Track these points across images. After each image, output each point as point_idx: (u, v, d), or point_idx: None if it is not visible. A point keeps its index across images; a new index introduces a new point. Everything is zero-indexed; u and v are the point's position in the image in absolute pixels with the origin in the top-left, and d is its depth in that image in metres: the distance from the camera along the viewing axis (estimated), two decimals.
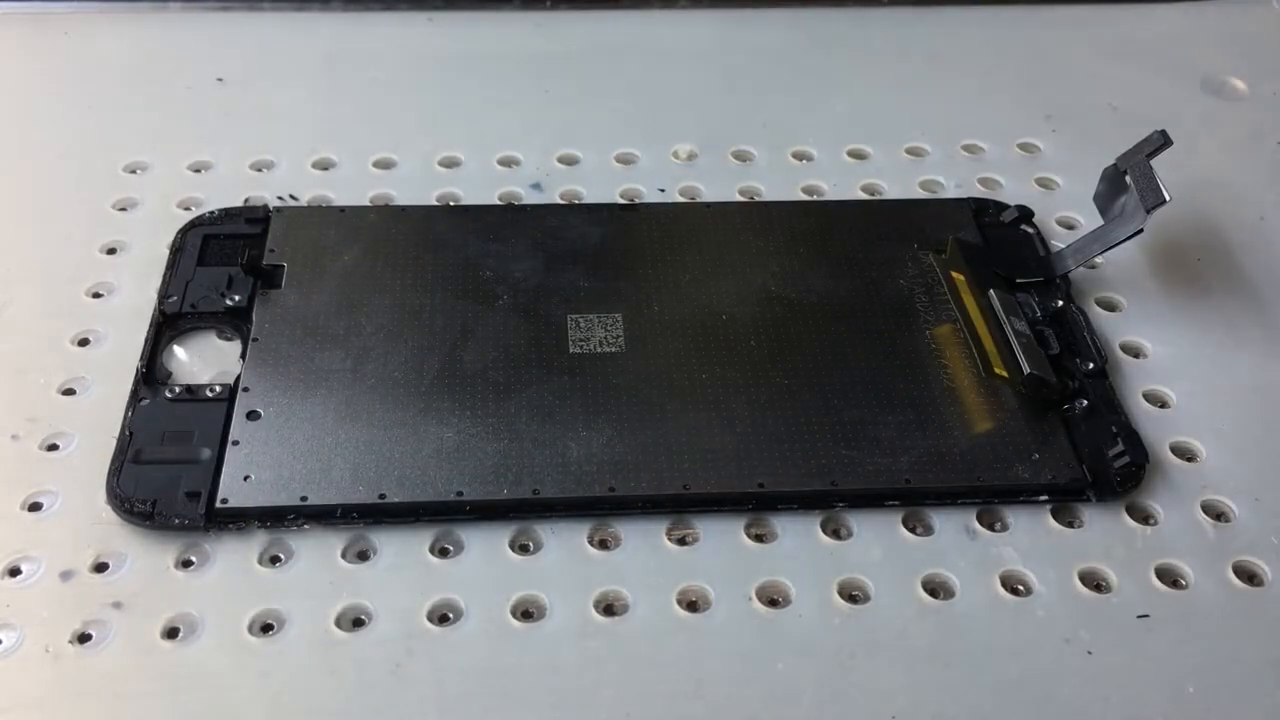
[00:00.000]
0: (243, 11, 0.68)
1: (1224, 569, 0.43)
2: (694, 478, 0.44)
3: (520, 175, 0.58)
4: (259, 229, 0.53)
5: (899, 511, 0.44)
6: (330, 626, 0.40)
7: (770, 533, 0.43)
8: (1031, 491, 0.44)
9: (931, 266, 0.52)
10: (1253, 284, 0.54)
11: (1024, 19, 0.70)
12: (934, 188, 0.58)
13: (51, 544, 0.42)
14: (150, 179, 0.57)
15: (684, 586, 0.42)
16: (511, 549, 0.42)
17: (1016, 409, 0.47)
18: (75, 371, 0.47)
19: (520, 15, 0.69)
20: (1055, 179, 0.59)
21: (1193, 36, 0.69)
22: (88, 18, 0.67)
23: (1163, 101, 0.64)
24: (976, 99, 0.64)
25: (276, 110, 0.61)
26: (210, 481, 0.43)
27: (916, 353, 0.49)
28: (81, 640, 0.39)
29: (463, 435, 0.45)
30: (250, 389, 0.46)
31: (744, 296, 0.51)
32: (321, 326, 0.48)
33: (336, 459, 0.44)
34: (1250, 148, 0.62)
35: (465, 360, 0.47)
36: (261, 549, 0.42)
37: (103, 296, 0.51)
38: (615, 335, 0.49)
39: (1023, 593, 0.42)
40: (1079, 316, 0.51)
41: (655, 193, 0.57)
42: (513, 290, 0.50)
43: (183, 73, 0.63)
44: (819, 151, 0.60)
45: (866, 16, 0.70)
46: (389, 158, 0.58)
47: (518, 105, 0.62)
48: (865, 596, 0.42)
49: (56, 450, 0.45)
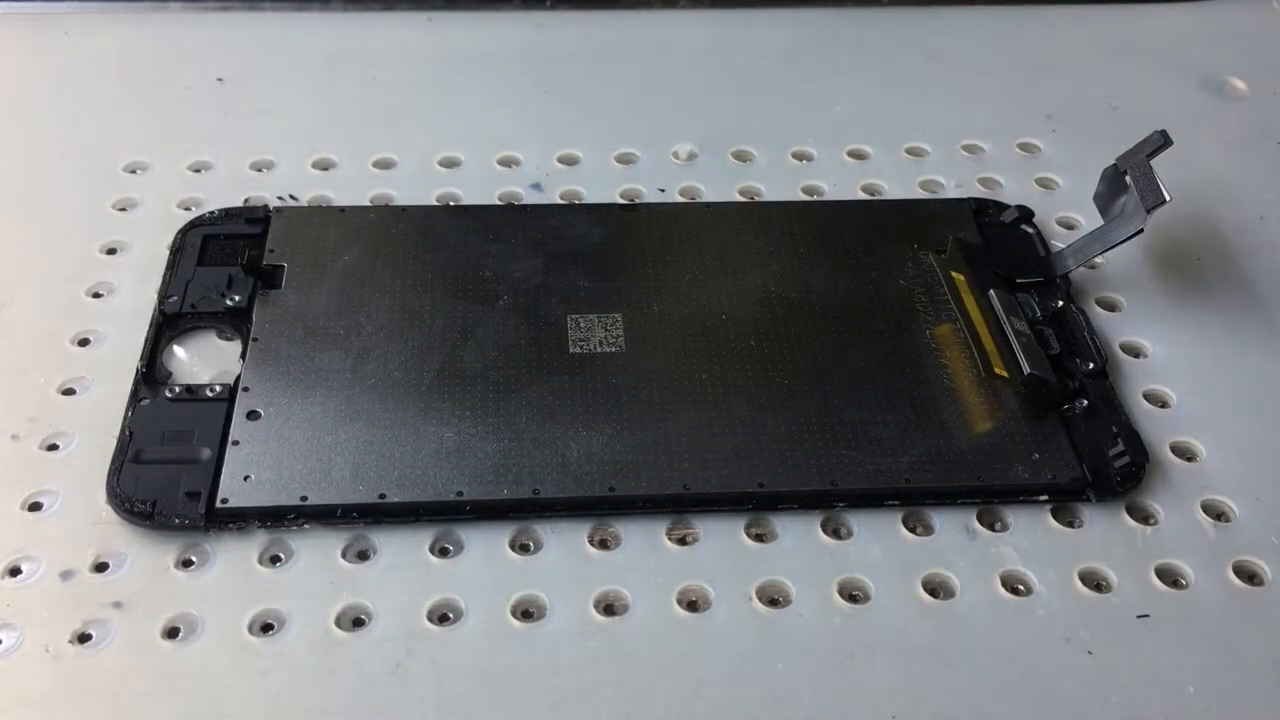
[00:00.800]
0: (243, 11, 0.68)
1: (1224, 569, 0.43)
2: (694, 478, 0.44)
3: (520, 175, 0.58)
4: (259, 229, 0.53)
5: (899, 511, 0.44)
6: (330, 626, 0.40)
7: (770, 533, 0.43)
8: (1031, 491, 0.44)
9: (931, 266, 0.52)
10: (1253, 284, 0.54)
11: (1024, 19, 0.70)
12: (934, 188, 0.58)
13: (51, 544, 0.42)
14: (150, 179, 0.57)
15: (684, 586, 0.42)
16: (511, 549, 0.42)
17: (1016, 409, 0.47)
18: (75, 371, 0.47)
19: (520, 15, 0.69)
20: (1055, 179, 0.59)
21: (1193, 36, 0.69)
22: (88, 18, 0.67)
23: (1163, 101, 0.64)
24: (976, 99, 0.64)
25: (276, 110, 0.61)
26: (210, 481, 0.43)
27: (916, 353, 0.49)
28: (81, 640, 0.39)
29: (463, 435, 0.45)
30: (250, 389, 0.46)
31: (744, 296, 0.51)
32: (321, 326, 0.48)
33: (336, 459, 0.44)
34: (1250, 148, 0.62)
35: (465, 360, 0.47)
36: (261, 549, 0.42)
37: (103, 296, 0.51)
38: (615, 335, 0.49)
39: (1023, 593, 0.42)
40: (1079, 316, 0.51)
41: (655, 193, 0.57)
42: (513, 290, 0.50)
43: (183, 73, 0.63)
44: (819, 151, 0.60)
45: (866, 16, 0.70)
46: (389, 158, 0.58)
47: (518, 105, 0.62)
48: (865, 596, 0.42)
49: (56, 450, 0.45)
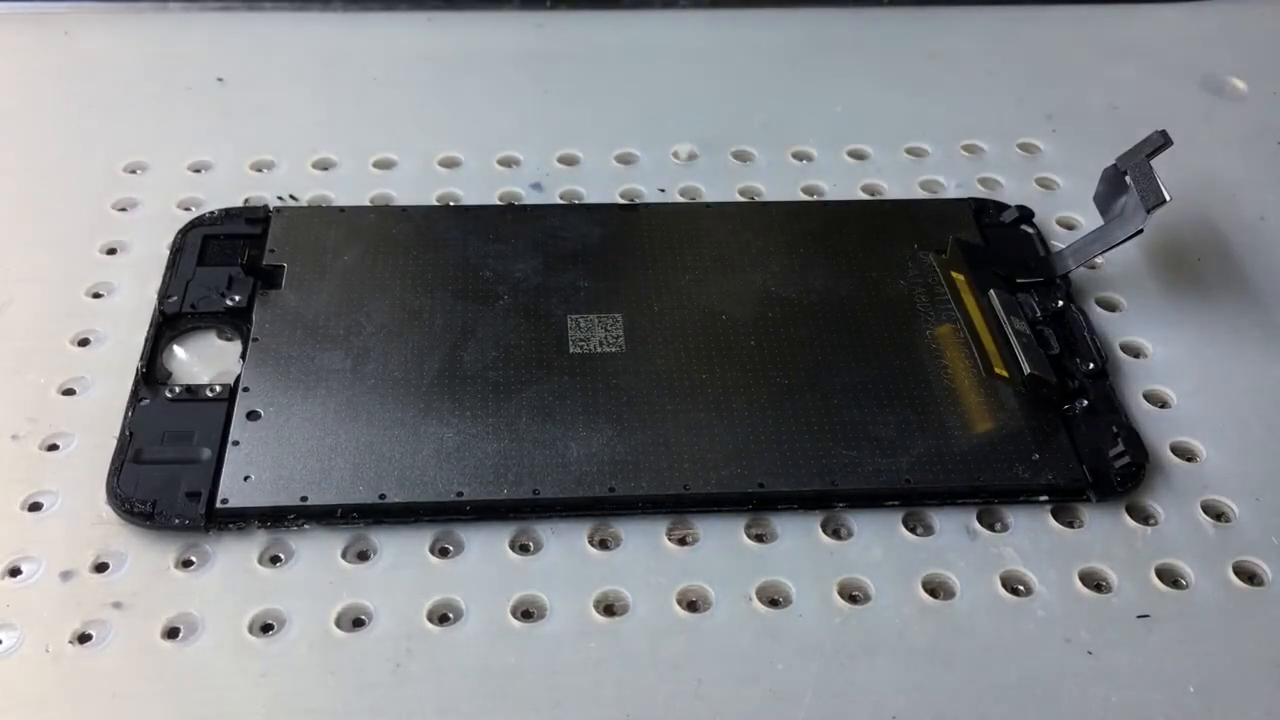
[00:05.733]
0: (243, 11, 0.68)
1: (1224, 569, 0.43)
2: (694, 478, 0.44)
3: (520, 175, 0.58)
4: (259, 229, 0.53)
5: (899, 511, 0.44)
6: (330, 626, 0.40)
7: (770, 533, 0.43)
8: (1031, 491, 0.44)
9: (931, 266, 0.52)
10: (1253, 284, 0.54)
11: (1024, 19, 0.70)
12: (934, 188, 0.58)
13: (51, 544, 0.42)
14: (150, 179, 0.57)
15: (684, 586, 0.42)
16: (511, 549, 0.42)
17: (1016, 409, 0.47)
18: (75, 371, 0.47)
19: (520, 15, 0.69)
20: (1055, 179, 0.59)
21: (1193, 36, 0.69)
22: (88, 18, 0.67)
23: (1163, 101, 0.64)
24: (976, 99, 0.64)
25: (276, 110, 0.61)
26: (210, 481, 0.43)
27: (916, 353, 0.49)
28: (81, 640, 0.39)
29: (463, 435, 0.45)
30: (250, 389, 0.46)
31: (744, 297, 0.51)
32: (321, 326, 0.48)
33: (336, 459, 0.44)
34: (1250, 148, 0.62)
35: (465, 360, 0.47)
36: (261, 549, 0.42)
37: (103, 296, 0.51)
38: (615, 335, 0.49)
39: (1023, 593, 0.42)
40: (1079, 316, 0.51)
41: (655, 193, 0.57)
42: (513, 290, 0.50)
43: (183, 73, 0.63)
44: (819, 151, 0.60)
45: (866, 16, 0.70)
46: (389, 158, 0.58)
47: (518, 105, 0.62)
48: (865, 596, 0.42)
49: (56, 450, 0.45)
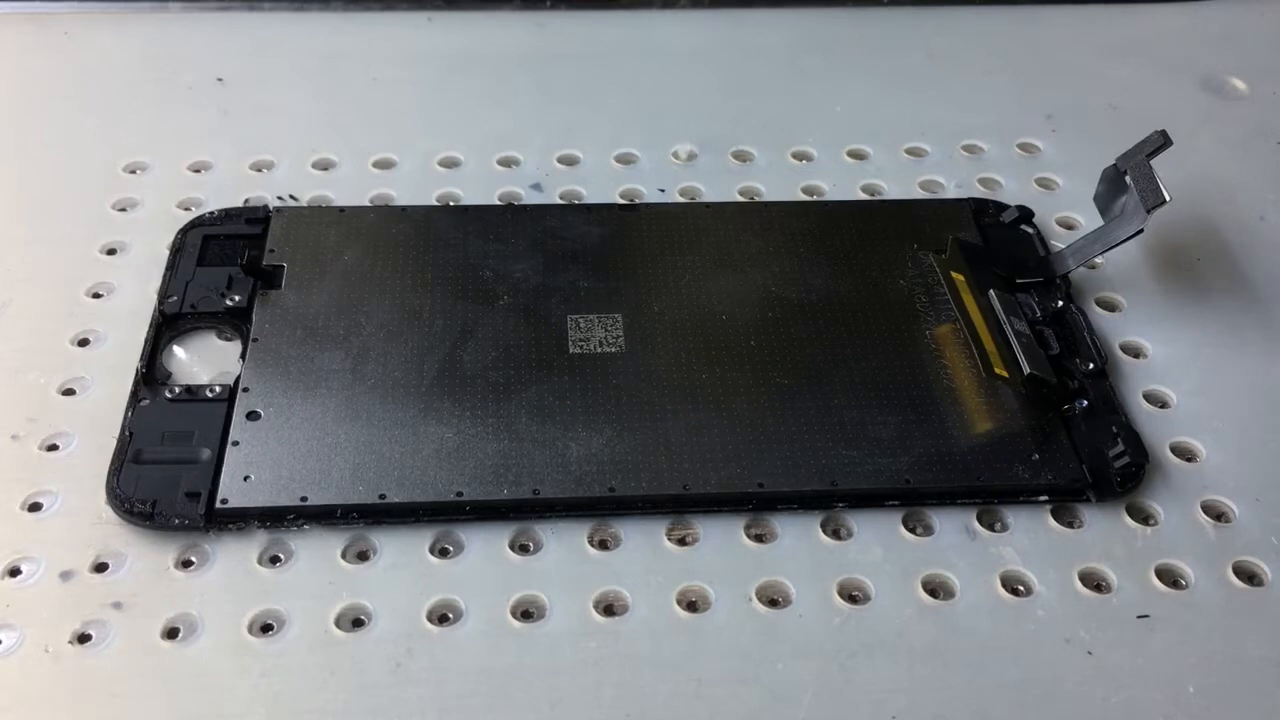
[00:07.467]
0: (243, 11, 0.68)
1: (1224, 569, 0.43)
2: (694, 478, 0.44)
3: (520, 175, 0.58)
4: (259, 229, 0.53)
5: (899, 511, 0.44)
6: (330, 626, 0.40)
7: (770, 533, 0.43)
8: (1031, 492, 0.44)
9: (931, 266, 0.52)
10: (1253, 284, 0.54)
11: (1024, 19, 0.70)
12: (934, 188, 0.58)
13: (51, 544, 0.42)
14: (150, 179, 0.57)
15: (684, 586, 0.42)
16: (511, 549, 0.42)
17: (1016, 409, 0.47)
18: (75, 371, 0.47)
19: (520, 15, 0.69)
20: (1055, 179, 0.59)
21: (1193, 36, 0.69)
22: (88, 18, 0.67)
23: (1163, 101, 0.64)
24: (976, 99, 0.64)
25: (276, 110, 0.61)
26: (210, 481, 0.43)
27: (916, 353, 0.49)
28: (81, 640, 0.39)
29: (462, 435, 0.45)
30: (250, 389, 0.46)
31: (744, 296, 0.51)
32: (321, 326, 0.48)
33: (336, 459, 0.44)
34: (1250, 148, 0.62)
35: (465, 360, 0.47)
36: (261, 549, 0.42)
37: (103, 296, 0.51)
38: (615, 335, 0.49)
39: (1023, 593, 0.42)
40: (1079, 316, 0.51)
41: (655, 193, 0.57)
42: (513, 290, 0.50)
43: (183, 73, 0.63)
44: (819, 151, 0.60)
45: (866, 16, 0.70)
46: (389, 158, 0.58)
47: (518, 105, 0.62)
48: (865, 596, 0.42)
49: (56, 450, 0.45)
